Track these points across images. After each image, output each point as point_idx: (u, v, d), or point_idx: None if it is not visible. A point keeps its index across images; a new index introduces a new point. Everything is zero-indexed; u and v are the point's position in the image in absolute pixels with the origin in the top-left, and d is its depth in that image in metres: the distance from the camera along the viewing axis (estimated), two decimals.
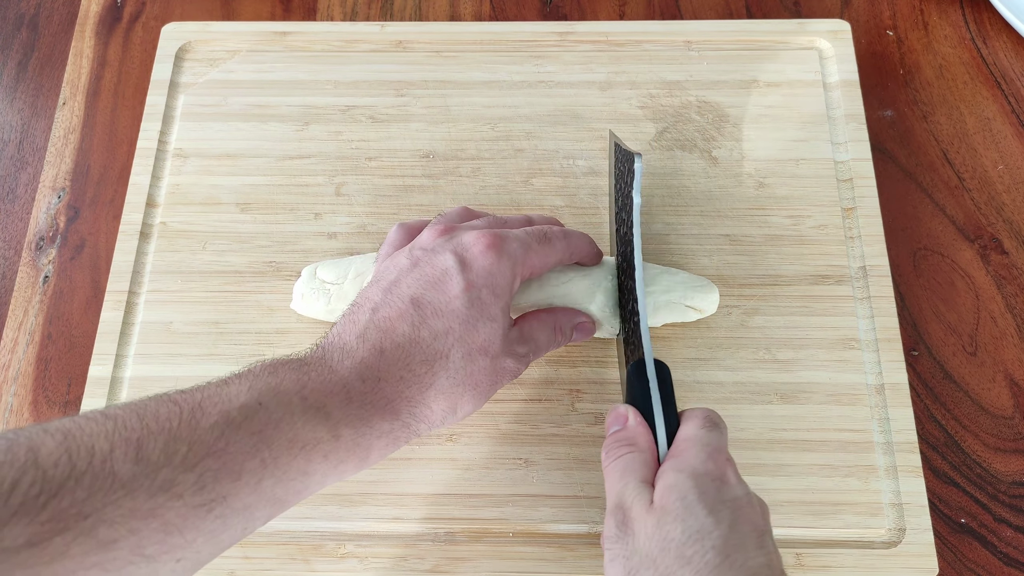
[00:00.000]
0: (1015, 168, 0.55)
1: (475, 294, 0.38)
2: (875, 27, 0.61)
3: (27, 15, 0.63)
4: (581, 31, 0.57)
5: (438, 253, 0.39)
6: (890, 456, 0.45)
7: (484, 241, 0.39)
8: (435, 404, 0.37)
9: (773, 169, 0.53)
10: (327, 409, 0.34)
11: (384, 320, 0.37)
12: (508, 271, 0.39)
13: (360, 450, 0.35)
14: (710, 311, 0.46)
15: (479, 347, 0.38)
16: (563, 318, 0.44)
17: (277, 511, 0.33)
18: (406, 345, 0.36)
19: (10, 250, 0.55)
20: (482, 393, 0.39)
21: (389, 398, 0.36)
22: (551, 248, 0.42)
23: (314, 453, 0.33)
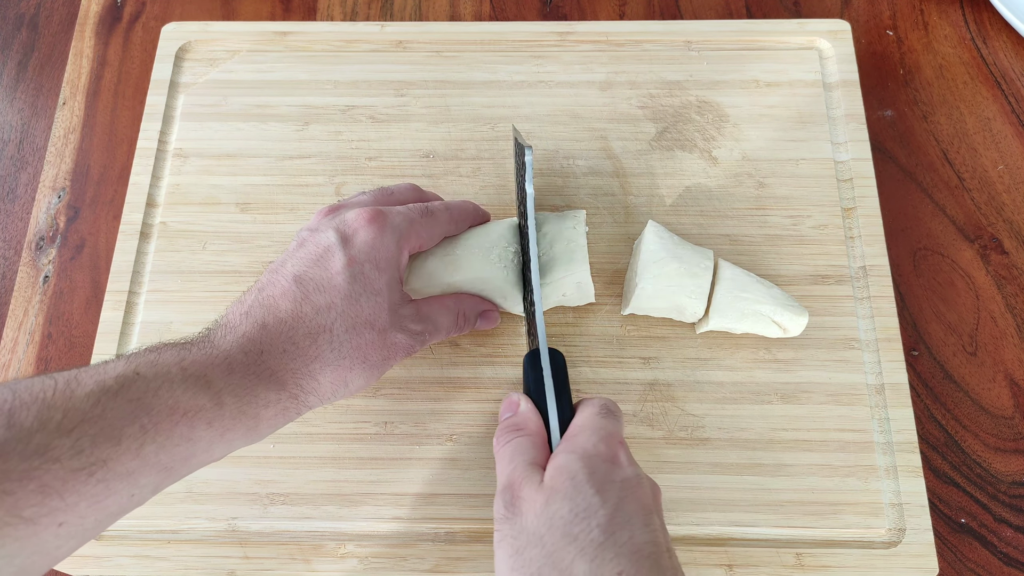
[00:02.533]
0: (1015, 168, 0.55)
1: (357, 269, 0.39)
2: (875, 27, 0.61)
3: (27, 15, 0.63)
4: (581, 31, 0.57)
5: (321, 231, 0.40)
6: (890, 456, 0.45)
7: (365, 216, 0.40)
8: (322, 376, 0.38)
9: (773, 169, 0.53)
10: (208, 378, 0.34)
11: (268, 298, 0.38)
12: (392, 244, 0.40)
13: (247, 419, 0.35)
14: (794, 333, 0.46)
15: (364, 320, 0.39)
16: (468, 304, 0.45)
17: (165, 479, 0.33)
18: (289, 320, 0.37)
19: (10, 250, 0.55)
20: (373, 366, 0.39)
21: (273, 369, 0.36)
22: (435, 220, 0.43)
23: (197, 420, 0.33)
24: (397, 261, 0.41)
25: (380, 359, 0.40)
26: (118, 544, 0.45)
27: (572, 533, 0.31)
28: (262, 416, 0.36)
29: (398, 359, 0.41)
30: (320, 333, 0.38)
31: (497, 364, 0.48)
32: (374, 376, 0.40)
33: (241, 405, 0.35)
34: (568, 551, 0.31)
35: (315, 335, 0.37)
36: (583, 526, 0.32)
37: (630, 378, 0.47)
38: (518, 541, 0.33)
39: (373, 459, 0.46)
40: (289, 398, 0.37)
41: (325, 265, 0.39)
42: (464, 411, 0.47)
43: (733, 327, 0.46)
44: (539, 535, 0.32)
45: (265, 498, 0.45)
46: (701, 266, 0.45)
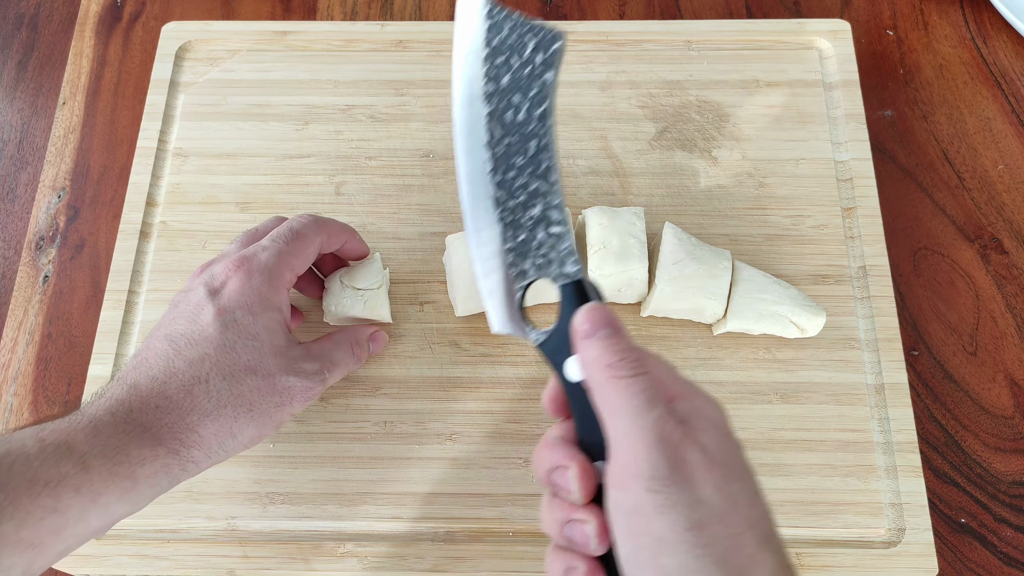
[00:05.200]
0: (1015, 168, 0.55)
1: (228, 317, 0.38)
2: (875, 27, 0.61)
3: (27, 15, 0.63)
4: (581, 31, 0.57)
5: (191, 291, 0.40)
6: (890, 456, 0.45)
7: (231, 265, 0.39)
8: (202, 429, 0.37)
9: (773, 169, 0.53)
10: (70, 444, 0.33)
11: (141, 361, 0.38)
12: (264, 286, 0.39)
13: (120, 479, 0.34)
14: (811, 332, 0.46)
15: (243, 367, 0.38)
16: (358, 333, 0.45)
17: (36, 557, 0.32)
18: (161, 376, 0.37)
19: (10, 250, 0.55)
20: (262, 414, 0.38)
21: (145, 425, 0.35)
22: (305, 241, 0.42)
23: (61, 488, 0.32)
24: (273, 302, 0.39)
25: (272, 406, 0.38)
26: (118, 543, 0.45)
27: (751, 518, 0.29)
28: (139, 475, 0.34)
29: (297, 404, 0.39)
30: (195, 384, 0.37)
31: (497, 364, 0.48)
32: (268, 425, 0.39)
33: (111, 466, 0.33)
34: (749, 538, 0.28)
35: (189, 387, 0.37)
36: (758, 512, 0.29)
37: None
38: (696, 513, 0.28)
39: (373, 459, 0.46)
40: (168, 454, 0.36)
41: (196, 319, 0.38)
42: (464, 411, 0.47)
43: (751, 328, 0.46)
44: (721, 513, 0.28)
45: (265, 497, 0.45)
46: (720, 267, 0.45)
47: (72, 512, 0.32)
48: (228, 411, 0.37)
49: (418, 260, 0.51)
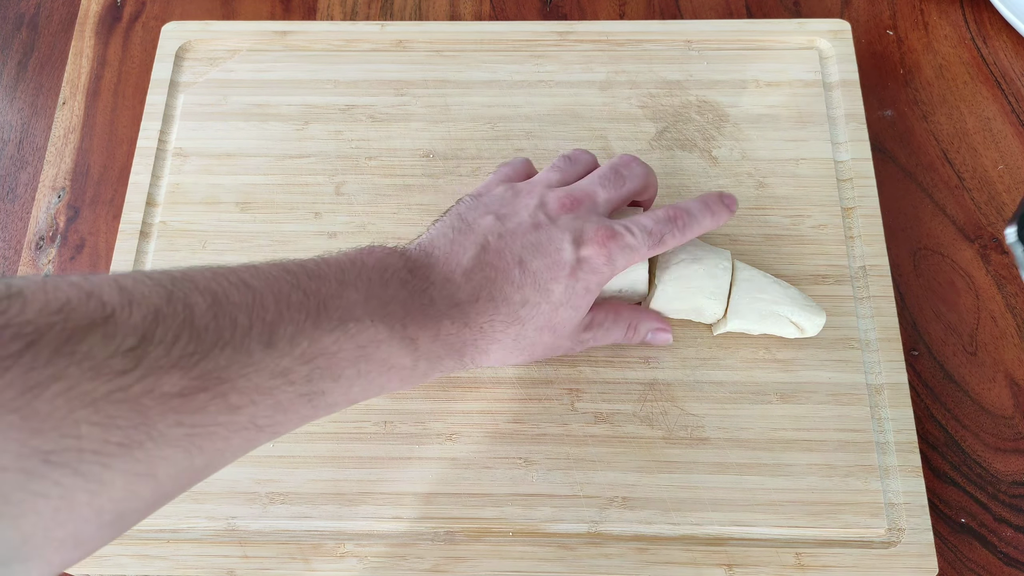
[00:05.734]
0: (1015, 168, 0.55)
1: (573, 284, 0.40)
2: (875, 27, 0.61)
3: (27, 15, 0.63)
4: (581, 31, 0.57)
5: (561, 230, 0.41)
6: (890, 456, 0.45)
7: (601, 236, 0.41)
8: (494, 356, 0.40)
9: (773, 169, 0.53)
10: (417, 343, 0.36)
11: (491, 268, 0.39)
12: (608, 274, 0.41)
13: (422, 379, 0.38)
14: (811, 333, 0.46)
15: (552, 326, 0.41)
16: (643, 321, 0.46)
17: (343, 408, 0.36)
18: (499, 301, 0.39)
19: (10, 250, 0.55)
20: (532, 358, 0.43)
21: (465, 342, 0.39)
22: (660, 248, 0.42)
23: (394, 375, 0.36)
24: (604, 284, 0.42)
25: (542, 354, 0.43)
26: (117, 543, 0.45)
27: None
28: (431, 376, 0.39)
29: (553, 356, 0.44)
30: (513, 324, 0.39)
31: None
32: (526, 363, 0.44)
33: (428, 369, 0.38)
34: None
35: (509, 324, 0.39)
36: None
37: (630, 378, 0.47)
38: None
39: (373, 459, 0.46)
40: (460, 366, 0.40)
41: (551, 266, 0.40)
42: (464, 411, 0.47)
43: (751, 328, 0.46)
44: None
45: (264, 497, 0.45)
46: (720, 267, 0.46)
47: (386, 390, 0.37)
48: (517, 350, 0.41)
49: None
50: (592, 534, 0.44)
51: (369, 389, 0.36)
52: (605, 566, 0.44)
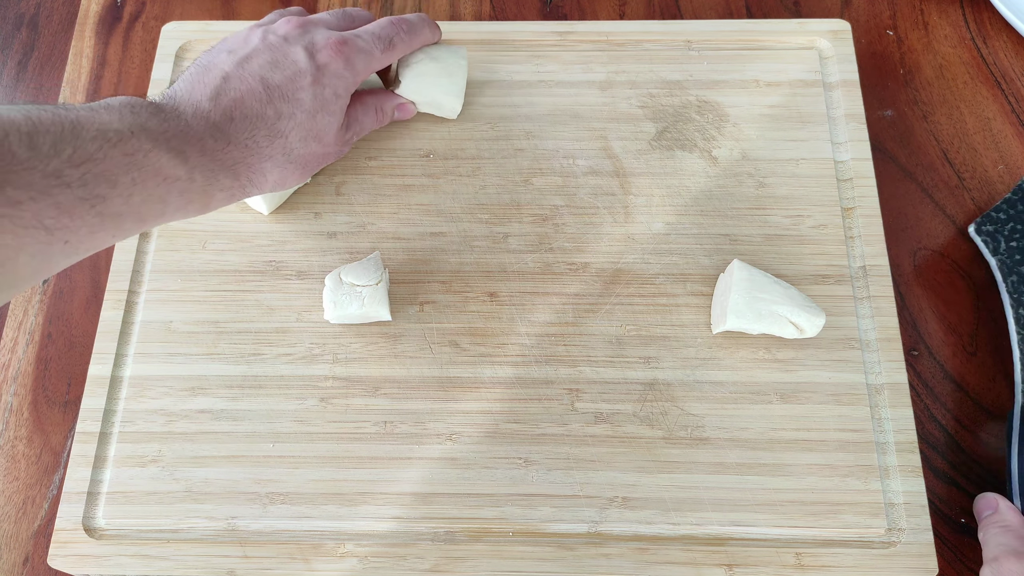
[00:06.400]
0: (1015, 168, 0.55)
1: (319, 91, 0.44)
2: (875, 27, 0.61)
3: (27, 15, 0.63)
4: (581, 31, 0.57)
5: (292, 44, 0.44)
6: (890, 456, 0.45)
7: (334, 46, 0.45)
8: (269, 175, 0.43)
9: (773, 169, 0.53)
10: (186, 155, 0.38)
11: (235, 91, 0.41)
12: (351, 77, 0.45)
13: (205, 197, 0.40)
14: (811, 333, 0.46)
15: (315, 135, 0.44)
16: (385, 100, 0.51)
17: (138, 227, 0.38)
18: (253, 118, 0.42)
19: None
20: (308, 172, 0.46)
21: (235, 160, 0.41)
22: (393, 52, 0.48)
23: (172, 187, 0.38)
24: (350, 90, 0.46)
25: (316, 165, 0.47)
26: (118, 543, 0.45)
27: None
28: (215, 197, 0.41)
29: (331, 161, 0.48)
30: (277, 137, 0.43)
31: (497, 364, 0.48)
32: (305, 179, 0.47)
33: (205, 185, 0.40)
34: None
35: (273, 137, 0.42)
36: None
37: (630, 378, 0.47)
38: None
39: (373, 459, 0.46)
40: (239, 188, 0.42)
41: (293, 79, 0.43)
42: (464, 411, 0.47)
43: (750, 328, 0.46)
44: None
45: (264, 497, 0.45)
46: (457, 64, 0.52)
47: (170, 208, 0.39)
48: (292, 166, 0.44)
49: (418, 260, 0.51)
50: (592, 534, 0.44)
51: (151, 201, 0.37)
52: (605, 566, 0.44)
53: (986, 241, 0.49)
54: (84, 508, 0.45)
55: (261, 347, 0.48)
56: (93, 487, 0.46)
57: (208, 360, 0.48)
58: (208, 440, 0.46)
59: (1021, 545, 0.41)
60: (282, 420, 0.47)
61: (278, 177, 0.44)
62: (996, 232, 0.50)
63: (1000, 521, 0.42)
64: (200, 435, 0.47)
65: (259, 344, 0.49)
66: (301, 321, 0.49)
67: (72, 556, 0.44)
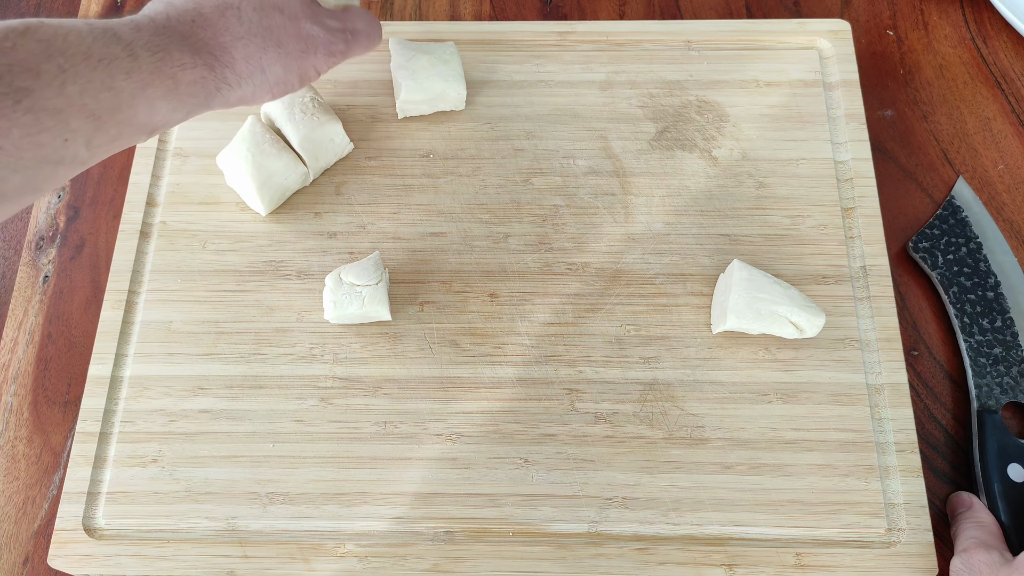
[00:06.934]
0: (1015, 168, 0.55)
1: None
2: (875, 27, 0.61)
3: (27, 15, 0.63)
4: (581, 31, 0.57)
5: None
6: (890, 456, 0.45)
7: None
8: (235, 51, 0.39)
9: (773, 169, 0.53)
10: (116, 32, 0.35)
11: None
12: None
13: (164, 77, 0.36)
14: (811, 333, 0.46)
15: (271, 4, 0.41)
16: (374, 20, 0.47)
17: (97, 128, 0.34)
18: None
19: (10, 250, 0.55)
20: (289, 55, 0.42)
21: (184, 35, 0.38)
22: None
23: (114, 69, 0.34)
24: None
25: (298, 50, 0.42)
26: (118, 544, 0.45)
27: None
28: (180, 78, 0.37)
29: (321, 57, 0.43)
30: (227, 8, 0.39)
31: (497, 364, 0.48)
32: (293, 70, 0.42)
33: (155, 61, 0.36)
34: None
35: (223, 9, 0.39)
36: None
37: (630, 378, 0.47)
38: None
39: (373, 459, 0.46)
40: (204, 66, 0.38)
41: None
42: (464, 411, 0.47)
43: (750, 328, 0.46)
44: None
45: (265, 497, 0.45)
46: (447, 52, 0.53)
47: (124, 94, 0.35)
48: (258, 40, 0.40)
49: (418, 260, 0.51)
50: (592, 534, 0.44)
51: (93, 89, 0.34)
52: (605, 566, 0.44)
53: (923, 258, 0.51)
54: (84, 508, 0.45)
55: (261, 347, 0.48)
56: (93, 487, 0.46)
57: (208, 360, 0.48)
58: (208, 440, 0.46)
59: (991, 539, 0.42)
60: (282, 420, 0.47)
61: (246, 53, 0.40)
62: (932, 248, 0.51)
63: (973, 517, 0.44)
64: (200, 435, 0.47)
65: (259, 344, 0.49)
66: (301, 321, 0.49)
67: (72, 556, 0.44)
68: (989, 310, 0.49)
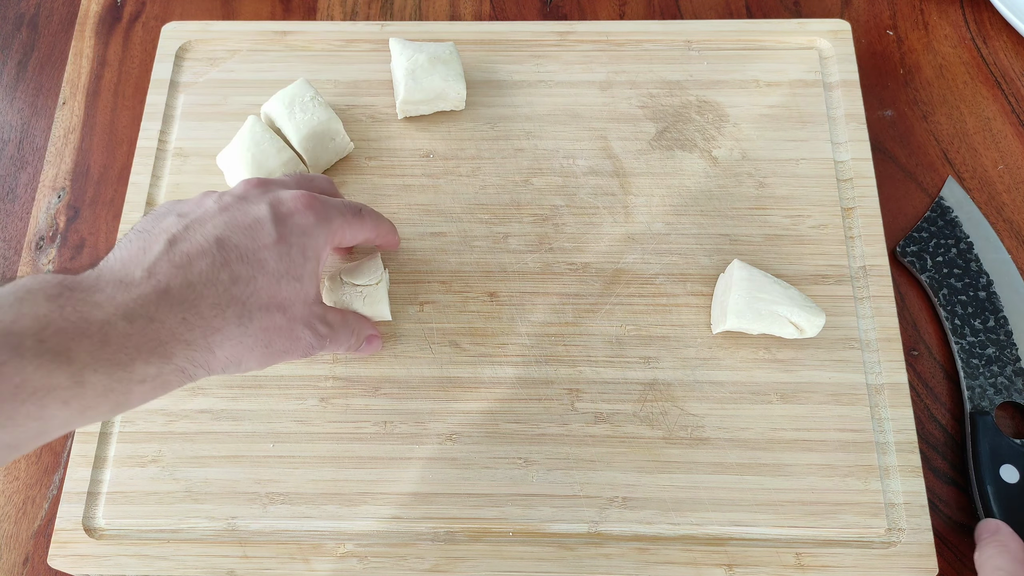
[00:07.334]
0: (1015, 168, 0.55)
1: (285, 250, 0.37)
2: (875, 27, 0.61)
3: (27, 15, 0.63)
4: (581, 31, 0.57)
5: (252, 202, 0.38)
6: (890, 456, 0.45)
7: (303, 200, 0.39)
8: (219, 351, 0.35)
9: (773, 169, 0.53)
10: (70, 354, 0.30)
11: (181, 255, 0.34)
12: (322, 236, 0.39)
13: (115, 395, 0.32)
14: (811, 333, 0.46)
15: (278, 303, 0.37)
16: (363, 325, 0.45)
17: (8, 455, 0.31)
18: (199, 285, 0.34)
19: (10, 250, 0.55)
20: (272, 354, 0.37)
21: (161, 340, 0.33)
22: (363, 224, 0.43)
23: (49, 399, 0.30)
24: (321, 253, 0.40)
25: (281, 349, 0.38)
26: (117, 544, 0.45)
27: None
28: (134, 392, 0.33)
29: (296, 356, 0.39)
30: (231, 305, 0.35)
31: (497, 364, 0.48)
32: (267, 364, 0.38)
33: (109, 383, 0.31)
34: None
35: (224, 306, 0.35)
36: None
37: (630, 378, 0.47)
38: None
39: (373, 459, 0.46)
40: (175, 371, 0.34)
41: (254, 236, 0.36)
42: (464, 411, 0.47)
43: (749, 328, 0.46)
44: None
45: (265, 497, 0.45)
46: (446, 51, 0.52)
47: (56, 422, 0.31)
48: (249, 340, 0.36)
49: (418, 260, 0.51)
50: (592, 534, 0.44)
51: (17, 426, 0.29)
52: (605, 566, 0.44)
53: (912, 262, 0.51)
54: (84, 508, 0.45)
55: None
56: (93, 487, 0.46)
57: None
58: (208, 440, 0.46)
59: (1016, 569, 0.40)
60: (282, 420, 0.47)
61: (231, 353, 0.35)
62: (921, 251, 0.51)
63: (999, 542, 0.42)
64: (200, 435, 0.47)
65: None
66: None
67: (72, 556, 0.44)
68: (981, 310, 0.49)
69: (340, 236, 0.41)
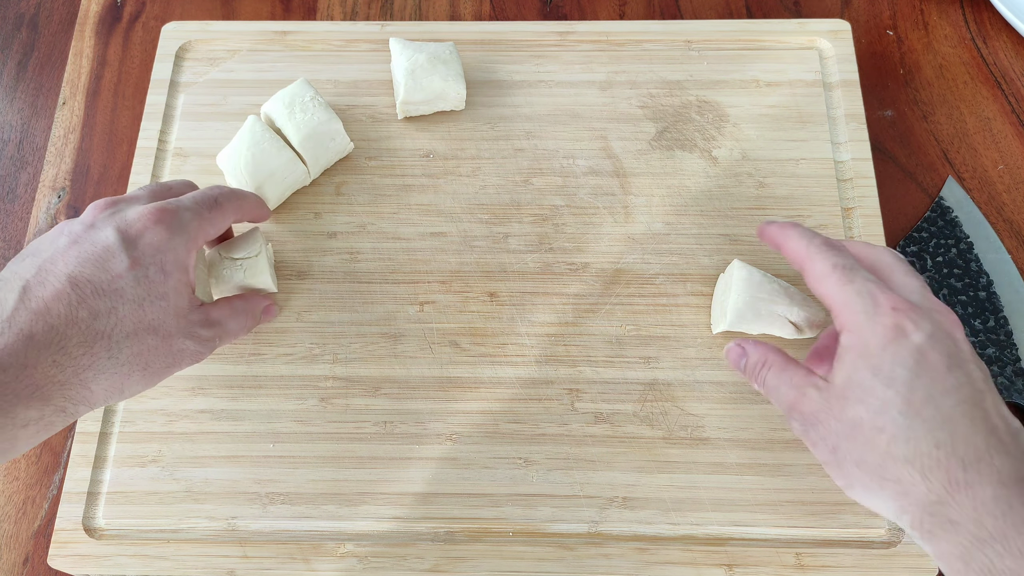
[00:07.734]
0: (1015, 168, 0.55)
1: (142, 272, 0.37)
2: (875, 27, 0.61)
3: (27, 15, 0.63)
4: (581, 31, 0.57)
5: (100, 229, 0.38)
6: None
7: (151, 216, 0.38)
8: (95, 385, 0.36)
9: (773, 169, 0.53)
10: None
11: (38, 301, 0.35)
12: (180, 246, 0.39)
13: (1, 443, 0.33)
14: (810, 333, 0.46)
15: (147, 326, 0.37)
16: (254, 304, 0.45)
17: None
18: (61, 327, 0.34)
19: (10, 250, 0.55)
20: (154, 373, 0.38)
21: (37, 385, 0.34)
22: (223, 213, 0.42)
23: None
24: (184, 264, 0.39)
25: (163, 366, 0.38)
26: (118, 544, 0.45)
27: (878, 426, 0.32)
28: (20, 436, 0.34)
29: (185, 366, 0.40)
30: (97, 340, 0.35)
31: (497, 364, 0.48)
32: (153, 382, 0.39)
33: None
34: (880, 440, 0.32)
35: (91, 343, 0.35)
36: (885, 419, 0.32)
37: (630, 378, 0.47)
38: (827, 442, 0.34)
39: (373, 459, 0.46)
40: (55, 411, 0.35)
41: (106, 267, 0.36)
42: (464, 411, 0.47)
43: (750, 328, 0.46)
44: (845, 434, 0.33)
45: (264, 497, 0.45)
46: (447, 51, 0.53)
47: None
48: (124, 368, 0.36)
49: (418, 260, 0.51)
50: (592, 534, 0.44)
51: None
52: (605, 566, 0.44)
53: (912, 262, 0.51)
54: (84, 508, 0.45)
55: (261, 347, 0.48)
56: (93, 487, 0.46)
57: (208, 360, 0.48)
58: (208, 440, 0.46)
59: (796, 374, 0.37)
60: (282, 420, 0.47)
61: (108, 384, 0.36)
62: (921, 251, 0.51)
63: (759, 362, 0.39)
64: (200, 435, 0.47)
65: (259, 344, 0.49)
66: (301, 321, 0.49)
67: (72, 556, 0.44)
68: (982, 310, 0.49)
69: (202, 236, 0.41)
